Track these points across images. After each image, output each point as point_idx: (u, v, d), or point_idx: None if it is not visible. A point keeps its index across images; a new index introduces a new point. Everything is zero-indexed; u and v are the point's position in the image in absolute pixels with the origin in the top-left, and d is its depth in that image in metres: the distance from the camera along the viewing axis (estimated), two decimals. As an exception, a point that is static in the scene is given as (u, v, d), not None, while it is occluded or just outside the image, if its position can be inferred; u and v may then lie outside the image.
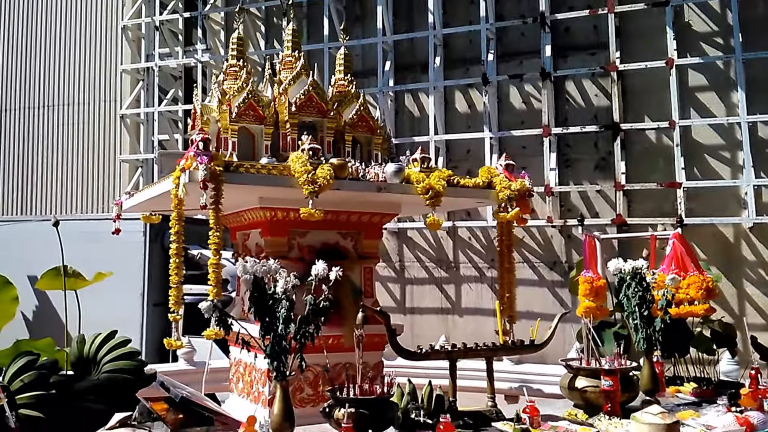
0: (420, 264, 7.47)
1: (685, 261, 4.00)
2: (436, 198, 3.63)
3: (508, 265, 4.26)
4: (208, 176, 3.24)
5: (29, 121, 10.36)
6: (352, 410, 2.74)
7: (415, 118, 7.81)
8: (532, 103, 7.29)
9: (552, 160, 6.87)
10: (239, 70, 4.16)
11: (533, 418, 2.95)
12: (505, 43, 7.47)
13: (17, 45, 10.56)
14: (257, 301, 2.81)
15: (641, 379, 3.70)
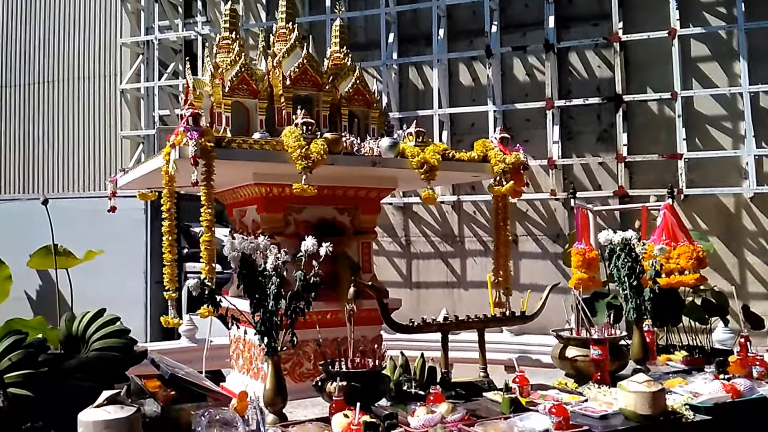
0: (425, 239, 7.78)
1: (676, 231, 4.19)
2: (431, 172, 3.68)
3: (504, 238, 4.36)
4: (198, 152, 3.22)
5: (28, 97, 10.59)
6: (343, 383, 2.81)
7: (419, 91, 8.04)
8: (535, 75, 7.51)
9: (555, 133, 7.13)
10: (232, 43, 4.13)
11: (523, 388, 3.05)
12: (509, 15, 7.67)
13: (15, 20, 10.74)
14: (246, 278, 2.88)
15: (631, 348, 3.87)
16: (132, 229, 7.51)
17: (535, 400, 3.04)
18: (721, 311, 4.77)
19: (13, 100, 10.75)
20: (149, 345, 5.79)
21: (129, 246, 7.49)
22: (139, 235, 7.61)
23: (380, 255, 7.90)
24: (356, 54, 8.20)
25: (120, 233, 7.08)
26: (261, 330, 2.89)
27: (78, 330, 3.09)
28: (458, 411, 2.70)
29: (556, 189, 7.02)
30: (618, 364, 3.61)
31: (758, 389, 3.28)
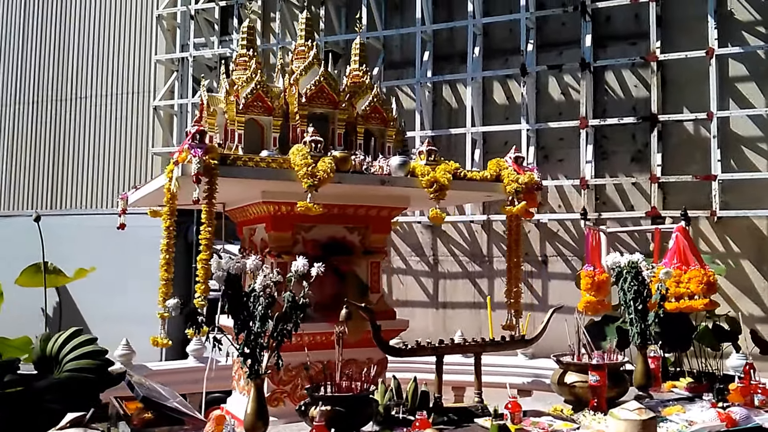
0: (453, 258, 8.44)
1: (687, 255, 4.39)
2: (441, 191, 3.84)
3: (516, 259, 4.53)
4: (201, 169, 3.38)
5: (63, 112, 11.67)
6: (326, 408, 2.92)
7: (452, 109, 8.79)
8: (570, 94, 8.19)
9: (588, 152, 7.77)
10: (249, 61, 4.36)
11: (514, 414, 3.15)
12: (545, 33, 8.40)
13: (51, 37, 11.89)
14: (231, 299, 3.01)
15: (635, 374, 4.04)
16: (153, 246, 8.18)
17: (526, 427, 3.17)
18: (733, 337, 4.92)
19: (48, 116, 11.81)
20: (156, 365, 6.30)
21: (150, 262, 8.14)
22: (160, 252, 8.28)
23: (407, 274, 8.59)
24: (391, 72, 9.15)
25: (143, 250, 7.61)
26: (244, 352, 2.98)
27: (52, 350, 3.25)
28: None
29: (588, 209, 7.61)
30: (618, 390, 3.72)
31: (755, 418, 3.42)
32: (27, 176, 11.85)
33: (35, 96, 11.98)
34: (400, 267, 8.73)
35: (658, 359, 4.22)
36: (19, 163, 11.91)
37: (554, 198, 8.11)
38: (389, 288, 8.81)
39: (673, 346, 4.57)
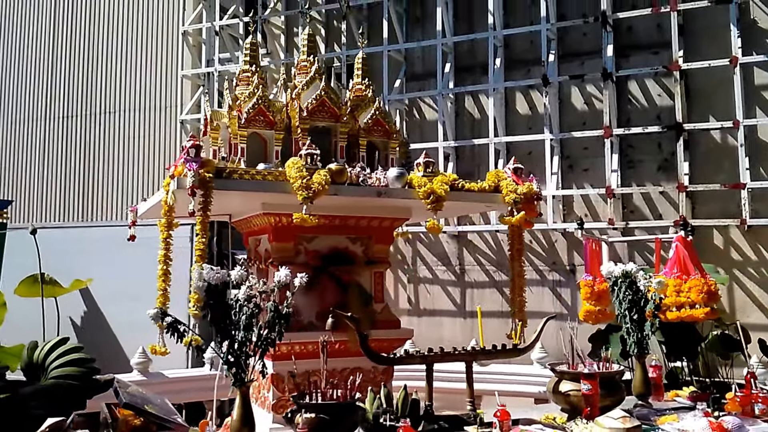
0: (480, 267, 8.42)
1: (687, 264, 4.37)
2: (438, 203, 3.88)
3: (519, 269, 4.55)
4: (196, 182, 3.46)
5: (93, 127, 11.80)
6: (311, 415, 2.93)
7: (475, 120, 8.79)
8: (593, 103, 8.16)
9: (614, 162, 7.72)
10: (251, 76, 4.46)
11: (503, 423, 3.12)
12: (567, 43, 8.38)
13: (81, 53, 12.04)
14: (213, 308, 3.02)
15: (633, 383, 4.03)
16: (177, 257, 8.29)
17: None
18: (741, 346, 4.80)
19: (78, 131, 11.93)
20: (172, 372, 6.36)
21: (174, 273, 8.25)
22: (183, 263, 8.37)
23: (434, 284, 8.59)
24: (413, 84, 9.17)
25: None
26: (228, 360, 2.99)
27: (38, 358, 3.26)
28: None
29: (614, 218, 7.57)
30: (613, 399, 3.68)
31: (749, 428, 3.38)
32: (58, 189, 11.98)
33: (66, 111, 12.13)
34: (426, 277, 8.73)
35: (659, 368, 4.19)
36: (51, 177, 12.05)
37: (580, 207, 8.07)
38: (416, 298, 8.81)
39: (679, 356, 4.53)
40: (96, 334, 8.35)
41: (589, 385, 3.50)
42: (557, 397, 3.78)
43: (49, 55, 12.31)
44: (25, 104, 12.46)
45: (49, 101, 12.22)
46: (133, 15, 11.64)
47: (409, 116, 9.24)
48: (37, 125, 12.29)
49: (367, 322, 4.23)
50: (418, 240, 8.84)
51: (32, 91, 12.42)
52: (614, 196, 7.64)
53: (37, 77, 12.38)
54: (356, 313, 4.09)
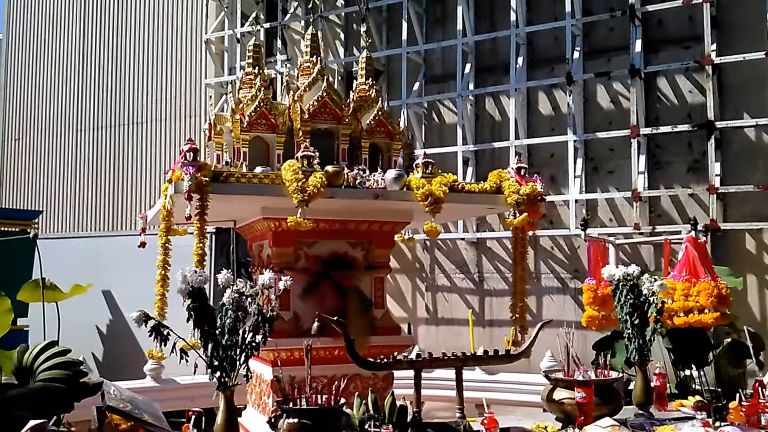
0: (499, 275, 7.98)
1: (697, 266, 4.03)
2: (436, 204, 3.79)
3: (521, 274, 4.38)
4: (192, 186, 3.46)
5: (121, 137, 11.83)
6: (294, 421, 2.89)
7: (495, 122, 8.39)
8: (620, 102, 7.68)
9: (641, 163, 7.22)
10: (254, 79, 4.41)
11: (490, 431, 3.04)
12: (593, 39, 7.93)
13: (108, 65, 12.11)
14: (196, 312, 2.98)
15: (634, 392, 3.82)
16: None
17: None
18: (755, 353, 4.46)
19: (107, 141, 12.01)
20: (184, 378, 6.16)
21: None
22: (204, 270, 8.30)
23: (452, 292, 8.20)
24: (433, 86, 8.81)
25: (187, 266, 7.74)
26: (212, 364, 2.97)
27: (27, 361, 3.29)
28: None
29: (640, 223, 7.05)
30: (610, 407, 3.54)
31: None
32: (87, 198, 12.04)
33: (95, 122, 12.24)
34: (444, 285, 8.35)
35: (663, 376, 3.96)
36: (81, 187, 12.13)
37: (605, 211, 7.59)
38: (434, 305, 8.43)
39: (688, 363, 4.16)
40: (120, 341, 8.37)
41: (583, 393, 3.34)
42: (551, 406, 3.64)
43: (78, 67, 12.43)
44: (57, 116, 12.60)
45: (79, 113, 12.33)
46: (158, 26, 11.65)
47: (428, 120, 8.90)
48: (68, 136, 12.41)
49: (367, 328, 4.17)
50: (436, 247, 8.46)
51: (63, 103, 12.55)
52: (641, 200, 7.14)
53: (68, 89, 12.51)
54: (356, 318, 4.07)
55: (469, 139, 8.23)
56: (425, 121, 8.88)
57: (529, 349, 3.89)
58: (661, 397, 3.87)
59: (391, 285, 8.74)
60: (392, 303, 8.65)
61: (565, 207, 7.63)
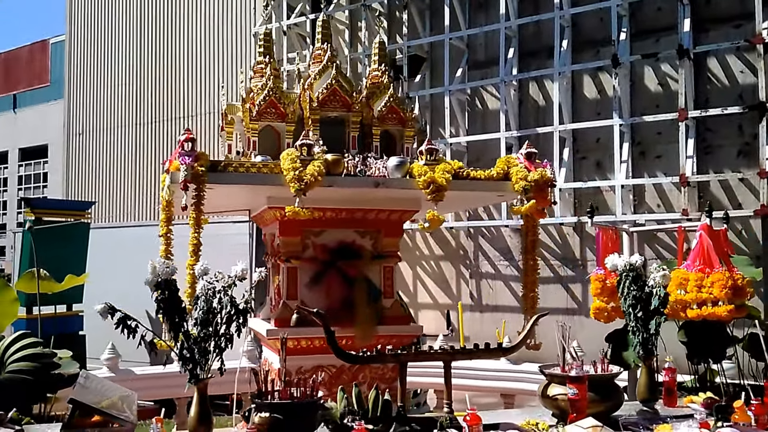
0: (544, 262, 7.81)
1: (711, 256, 3.72)
2: (439, 192, 3.67)
3: (532, 263, 4.28)
4: (189, 177, 3.44)
5: (172, 130, 12.03)
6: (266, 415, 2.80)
7: (540, 107, 8.19)
8: (668, 84, 7.39)
9: (689, 147, 6.94)
10: (265, 68, 4.39)
11: (472, 427, 2.92)
12: (640, 20, 7.64)
13: (160, 60, 12.32)
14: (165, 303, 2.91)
15: (637, 387, 3.64)
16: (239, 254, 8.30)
17: None
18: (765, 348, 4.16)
19: (160, 134, 12.24)
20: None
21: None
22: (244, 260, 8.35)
23: (496, 279, 8.08)
24: (476, 72, 8.65)
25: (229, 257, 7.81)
26: (183, 356, 2.90)
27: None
28: None
29: (688, 209, 6.78)
30: (608, 404, 3.36)
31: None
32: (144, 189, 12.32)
33: (151, 116, 12.47)
34: (488, 272, 8.23)
35: (673, 371, 3.71)
36: (139, 178, 12.44)
37: (652, 197, 7.34)
38: (478, 293, 8.33)
39: (703, 358, 3.89)
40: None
41: (575, 389, 3.15)
42: (546, 402, 3.45)
43: (135, 64, 12.71)
44: (116, 111, 12.91)
45: (137, 107, 12.60)
46: (209, 22, 11.78)
47: (471, 107, 8.74)
48: (127, 130, 12.70)
49: (374, 318, 4.08)
50: (480, 234, 8.33)
51: (122, 99, 12.87)
52: (689, 185, 6.86)
53: (126, 85, 12.80)
54: (363, 308, 4.01)
55: (513, 125, 8.07)
56: (468, 107, 8.74)
57: (524, 342, 3.74)
58: (671, 393, 3.64)
59: (435, 272, 8.68)
60: (436, 290, 8.61)
61: (611, 193, 7.39)
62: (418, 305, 8.68)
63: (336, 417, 3.09)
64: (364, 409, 3.18)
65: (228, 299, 2.93)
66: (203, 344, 2.89)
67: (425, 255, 8.84)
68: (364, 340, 3.82)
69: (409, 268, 8.97)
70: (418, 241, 8.90)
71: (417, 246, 8.91)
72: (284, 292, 4.11)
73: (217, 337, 2.91)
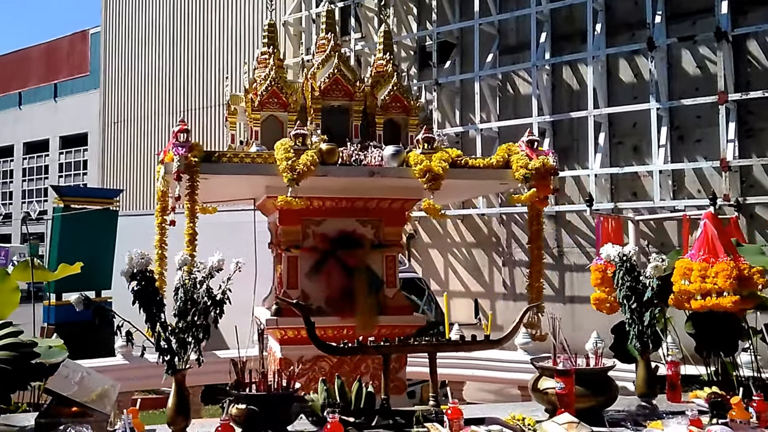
0: (580, 249, 7.65)
1: (716, 245, 3.49)
2: (435, 181, 3.61)
3: (536, 252, 4.13)
4: (182, 167, 3.41)
5: (203, 119, 12.05)
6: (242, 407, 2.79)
7: (573, 92, 8.00)
8: (707, 67, 7.17)
9: (730, 131, 6.71)
10: (268, 58, 4.27)
11: (453, 421, 2.85)
12: (676, 2, 7.44)
13: (191, 51, 12.33)
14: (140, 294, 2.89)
15: (636, 382, 3.47)
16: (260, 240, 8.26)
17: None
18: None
19: (192, 123, 12.22)
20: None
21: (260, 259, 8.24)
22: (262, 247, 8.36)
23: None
24: (507, 57, 8.45)
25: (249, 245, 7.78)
26: (160, 347, 2.85)
27: None
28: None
29: (730, 194, 6.55)
30: (600, 399, 3.19)
31: None
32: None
33: (183, 105, 12.50)
34: (522, 259, 8.08)
35: (676, 364, 3.49)
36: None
37: (692, 182, 7.13)
38: (511, 281, 8.19)
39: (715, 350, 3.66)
40: None
41: (562, 383, 2.99)
42: (537, 395, 3.27)
43: (168, 55, 12.76)
44: (149, 100, 12.96)
45: (169, 96, 12.63)
46: (239, 12, 11.71)
47: (503, 92, 8.55)
48: (159, 119, 12.73)
49: (375, 308, 3.96)
50: (513, 221, 8.19)
51: (154, 88, 12.91)
52: (730, 169, 6.64)
53: (159, 75, 12.85)
54: (364, 298, 3.90)
55: (546, 110, 7.89)
56: (500, 93, 8.55)
57: (514, 334, 3.53)
58: (674, 388, 3.42)
59: (467, 260, 8.56)
60: (468, 278, 8.49)
61: (649, 178, 7.18)
62: (450, 293, 8.58)
63: (317, 409, 3.03)
64: (346, 401, 3.09)
65: (204, 290, 2.89)
66: (181, 335, 2.84)
67: (457, 242, 8.72)
68: (365, 329, 3.71)
69: (440, 256, 8.87)
70: (450, 229, 8.78)
71: (448, 233, 8.79)
72: (285, 281, 4.05)
73: (195, 329, 2.86)
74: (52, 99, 22.48)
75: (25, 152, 25.70)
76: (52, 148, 22.20)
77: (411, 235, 9.57)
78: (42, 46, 23.65)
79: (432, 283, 9.07)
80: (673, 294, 3.48)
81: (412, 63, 9.46)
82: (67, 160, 23.02)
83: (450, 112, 8.95)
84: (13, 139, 26.14)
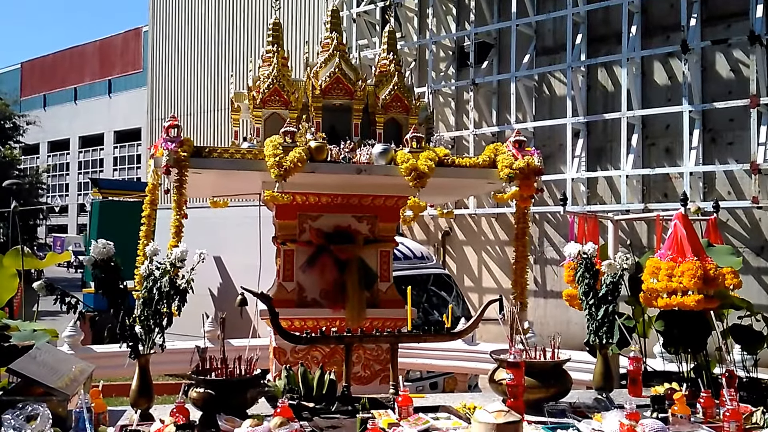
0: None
1: (684, 245, 3.58)
2: (421, 179, 3.67)
3: (522, 250, 4.17)
4: (171, 162, 3.50)
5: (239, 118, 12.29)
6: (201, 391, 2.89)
7: (608, 93, 8.08)
8: (740, 70, 7.22)
9: (761, 134, 6.74)
10: (272, 56, 4.33)
11: (402, 408, 2.94)
12: (711, 5, 7.47)
13: (234, 48, 12.64)
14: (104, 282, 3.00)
15: (593, 375, 3.56)
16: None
17: (404, 423, 2.90)
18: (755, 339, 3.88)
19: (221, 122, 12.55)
20: None
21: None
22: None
23: (561, 265, 7.96)
24: (544, 58, 8.56)
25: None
26: (124, 334, 2.98)
27: None
28: (289, 426, 2.65)
29: (759, 196, 6.57)
30: (553, 390, 3.28)
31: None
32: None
33: (225, 103, 12.76)
34: (553, 257, 8.19)
35: (638, 360, 3.59)
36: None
37: (723, 184, 7.16)
38: (542, 279, 8.31)
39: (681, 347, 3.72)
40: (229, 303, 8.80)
41: (512, 375, 3.05)
42: (494, 386, 3.37)
43: (213, 52, 13.05)
44: (195, 97, 13.29)
45: (213, 94, 12.95)
46: (284, 9, 11.92)
47: (539, 93, 8.66)
48: (203, 115, 13.06)
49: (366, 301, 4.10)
50: (545, 220, 8.29)
51: (200, 85, 13.20)
52: (760, 172, 6.66)
53: (204, 72, 13.15)
54: (353, 292, 4.02)
55: (580, 111, 8.00)
56: (536, 93, 8.67)
57: (474, 327, 3.72)
58: (635, 383, 3.53)
59: (499, 257, 8.69)
60: (500, 274, 8.63)
61: (680, 180, 7.22)
62: (482, 290, 8.75)
63: (279, 394, 3.13)
64: (308, 387, 3.22)
65: (167, 279, 3.01)
66: (145, 322, 2.98)
67: (490, 240, 8.87)
68: (355, 321, 3.84)
69: (474, 253, 9.03)
70: (484, 227, 8.92)
71: (482, 231, 8.94)
72: (281, 273, 4.22)
73: (157, 316, 2.99)
74: (106, 95, 23.17)
75: (80, 146, 26.59)
76: (107, 142, 22.95)
77: (446, 233, 9.75)
78: (96, 43, 24.38)
79: (465, 279, 9.23)
80: (642, 292, 3.59)
81: (450, 63, 9.63)
82: (122, 154, 23.71)
83: (486, 112, 9.09)
84: (70, 133, 27.07)
